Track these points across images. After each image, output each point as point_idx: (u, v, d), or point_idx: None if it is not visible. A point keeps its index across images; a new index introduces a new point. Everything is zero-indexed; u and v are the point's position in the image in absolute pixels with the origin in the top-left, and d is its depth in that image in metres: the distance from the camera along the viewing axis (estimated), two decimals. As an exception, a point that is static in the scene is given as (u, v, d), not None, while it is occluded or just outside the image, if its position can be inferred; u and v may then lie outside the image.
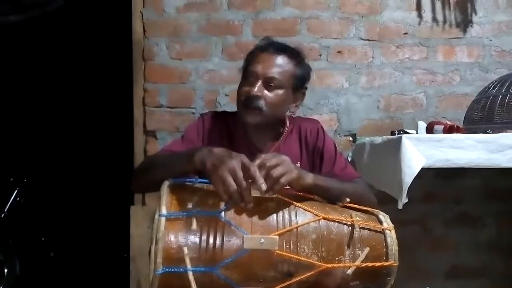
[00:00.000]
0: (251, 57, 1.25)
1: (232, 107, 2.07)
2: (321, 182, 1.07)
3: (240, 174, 0.90)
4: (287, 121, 1.35)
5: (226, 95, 2.11)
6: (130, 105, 2.14)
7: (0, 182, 3.26)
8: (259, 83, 1.20)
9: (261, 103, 1.20)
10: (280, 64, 1.22)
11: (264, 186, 0.91)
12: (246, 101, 1.21)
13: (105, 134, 4.15)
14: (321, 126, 1.35)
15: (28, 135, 4.28)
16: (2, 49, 3.63)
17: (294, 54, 1.27)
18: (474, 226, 2.17)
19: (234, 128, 1.31)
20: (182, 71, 2.11)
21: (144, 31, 2.11)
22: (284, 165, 0.97)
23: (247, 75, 1.23)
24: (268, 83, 1.21)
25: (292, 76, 1.24)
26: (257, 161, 0.95)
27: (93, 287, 3.19)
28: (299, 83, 1.27)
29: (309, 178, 1.04)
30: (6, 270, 2.88)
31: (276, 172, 0.94)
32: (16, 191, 3.21)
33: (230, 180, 0.90)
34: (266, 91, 1.21)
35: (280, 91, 1.23)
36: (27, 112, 4.30)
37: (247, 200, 0.92)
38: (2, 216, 3.11)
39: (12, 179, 3.27)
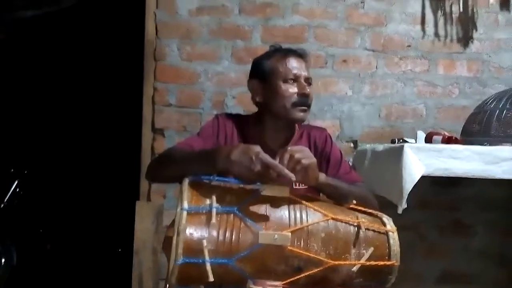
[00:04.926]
0: (282, 62, 1.31)
1: (238, 109, 2.14)
2: (331, 182, 1.17)
3: (269, 175, 1.00)
4: (296, 125, 1.42)
5: (233, 97, 2.18)
6: (139, 102, 2.20)
7: (0, 173, 3.29)
8: (304, 83, 1.30)
9: (310, 101, 1.32)
10: (307, 66, 1.35)
11: (294, 178, 1.00)
12: (301, 100, 1.29)
13: (113, 130, 4.18)
14: (329, 134, 1.44)
15: (31, 126, 4.29)
16: (13, 43, 3.64)
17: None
18: (467, 233, 2.24)
19: (247, 130, 1.37)
20: (192, 72, 2.18)
21: (157, 31, 2.17)
22: (304, 151, 1.06)
23: (285, 78, 1.29)
24: (307, 83, 1.32)
25: None
26: (280, 154, 1.04)
27: (90, 280, 3.23)
28: None
29: (322, 175, 1.14)
30: (3, 260, 2.89)
31: (297, 155, 1.03)
32: (16, 182, 3.23)
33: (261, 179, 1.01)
34: None
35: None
36: (31, 103, 4.30)
37: (288, 177, 1.00)
38: (2, 206, 3.12)
39: (12, 170, 3.29)
